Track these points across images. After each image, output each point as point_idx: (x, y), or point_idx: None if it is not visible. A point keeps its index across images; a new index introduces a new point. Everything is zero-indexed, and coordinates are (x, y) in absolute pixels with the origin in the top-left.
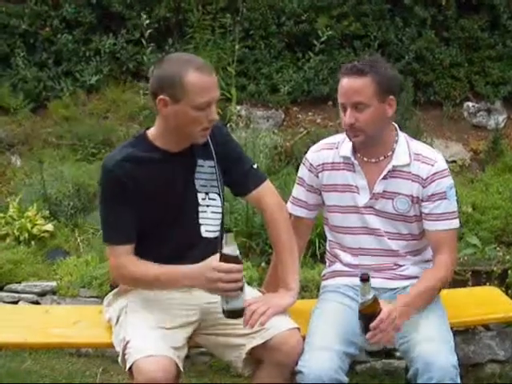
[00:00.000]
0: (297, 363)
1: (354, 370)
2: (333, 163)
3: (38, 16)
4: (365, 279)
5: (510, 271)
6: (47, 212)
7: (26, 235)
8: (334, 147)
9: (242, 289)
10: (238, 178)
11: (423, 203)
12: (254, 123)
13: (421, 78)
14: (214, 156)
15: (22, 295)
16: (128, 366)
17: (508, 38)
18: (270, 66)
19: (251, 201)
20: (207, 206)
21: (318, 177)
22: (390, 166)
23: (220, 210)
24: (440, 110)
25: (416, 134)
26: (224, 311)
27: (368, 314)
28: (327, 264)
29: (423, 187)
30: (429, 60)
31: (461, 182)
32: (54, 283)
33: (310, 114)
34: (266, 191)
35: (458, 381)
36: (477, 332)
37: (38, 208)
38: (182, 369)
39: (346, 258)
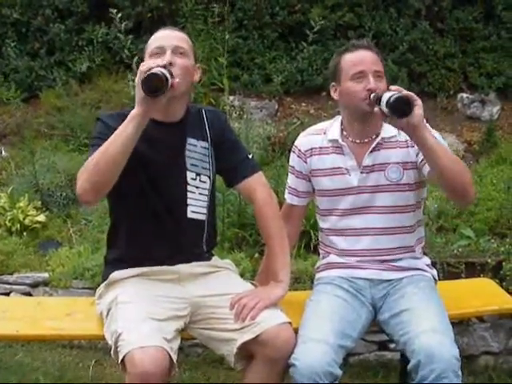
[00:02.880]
0: (289, 358)
1: (347, 361)
2: (321, 147)
3: (30, 5)
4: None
5: (504, 263)
6: (39, 203)
7: (18, 226)
8: (322, 132)
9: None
10: (231, 166)
11: (418, 157)
12: (247, 113)
13: (415, 68)
14: (209, 138)
15: (14, 286)
16: (120, 359)
17: (502, 29)
18: (264, 57)
19: (241, 191)
20: (196, 187)
21: (306, 162)
22: (378, 139)
23: (208, 192)
24: (434, 101)
25: None
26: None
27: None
28: (321, 256)
29: (412, 147)
30: (423, 51)
31: None
32: (46, 274)
33: (303, 104)
34: (257, 183)
35: (460, 373)
36: (471, 324)
37: (30, 199)
38: (175, 360)
39: (341, 243)
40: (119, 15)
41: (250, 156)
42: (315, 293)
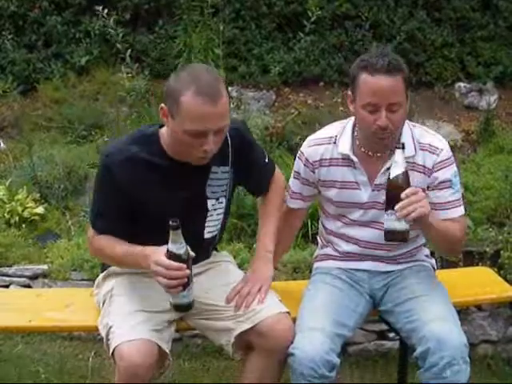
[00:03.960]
0: (288, 348)
1: (346, 351)
2: (331, 159)
3: None
4: (400, 147)
5: (502, 251)
6: (38, 195)
7: (17, 218)
8: (332, 142)
9: (185, 286)
10: (254, 181)
11: (428, 192)
12: (244, 104)
13: (412, 58)
14: (230, 161)
15: (13, 279)
16: (110, 352)
17: (500, 18)
18: (261, 47)
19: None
20: (214, 209)
21: (314, 172)
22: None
23: (223, 210)
24: (431, 91)
25: (407, 115)
26: (170, 303)
27: (399, 188)
28: (319, 245)
29: (428, 176)
30: (420, 40)
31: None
32: (45, 266)
33: (301, 94)
34: (274, 180)
35: (468, 359)
36: (469, 312)
37: (29, 191)
38: (167, 350)
39: (342, 245)
40: (105, 11)
41: (267, 160)
42: (312, 282)
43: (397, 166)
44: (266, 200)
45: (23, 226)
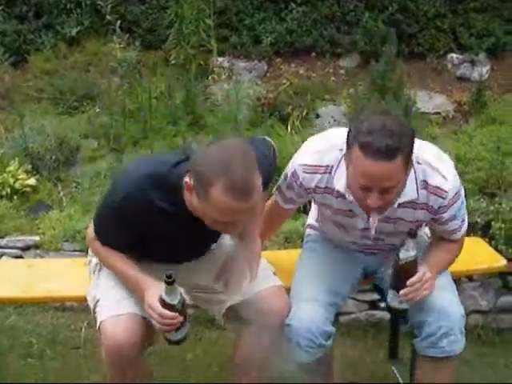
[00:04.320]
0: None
1: (338, 321)
2: (326, 187)
3: None
4: (412, 234)
5: (493, 222)
6: (29, 166)
7: (9, 190)
8: (328, 171)
9: (179, 327)
10: None
11: (431, 222)
12: (236, 75)
13: (404, 29)
14: None
15: (5, 250)
16: (97, 326)
17: None
18: (253, 18)
19: None
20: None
21: (308, 194)
22: (394, 205)
23: None
24: (424, 62)
25: (399, 86)
26: (164, 336)
27: (406, 272)
28: (312, 215)
29: (434, 215)
30: (413, 11)
31: (444, 133)
32: (37, 237)
33: (292, 65)
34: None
35: (464, 331)
36: (460, 283)
37: (20, 162)
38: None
39: (336, 240)
40: None
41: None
42: (305, 251)
43: (407, 250)
44: None
45: (15, 197)
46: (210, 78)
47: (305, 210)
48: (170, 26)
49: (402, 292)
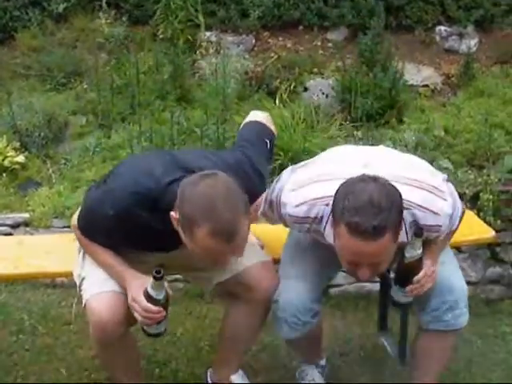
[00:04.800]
0: (272, 297)
1: (328, 293)
2: (316, 231)
3: None
4: (418, 234)
5: (481, 194)
6: (18, 144)
7: None
8: (317, 222)
9: (160, 321)
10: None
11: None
12: (224, 49)
13: (392, 1)
14: None
15: None
16: (83, 304)
17: None
18: None
19: None
20: None
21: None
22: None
23: None
24: (412, 34)
25: (387, 59)
26: (142, 328)
27: (411, 269)
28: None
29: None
30: None
31: (433, 106)
32: (26, 215)
33: (280, 38)
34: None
35: (467, 303)
36: None
37: (8, 140)
38: None
39: None
40: None
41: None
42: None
43: (413, 248)
44: None
45: (4, 175)
46: (197, 52)
47: None
48: (158, 1)
49: (408, 288)
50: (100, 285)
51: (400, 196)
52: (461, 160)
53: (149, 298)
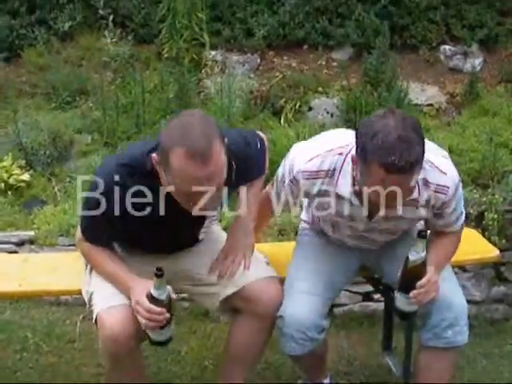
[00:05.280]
0: (277, 313)
1: (332, 312)
2: (327, 191)
3: None
4: (422, 236)
5: (486, 213)
6: (23, 162)
7: (3, 185)
8: (329, 176)
9: (163, 327)
10: (247, 180)
11: (431, 218)
12: (229, 68)
13: (397, 21)
14: (231, 184)
15: (0, 245)
16: (94, 319)
17: None
18: (245, 11)
19: None
20: (210, 221)
21: (307, 198)
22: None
23: (217, 214)
24: (416, 54)
25: (392, 78)
26: (148, 336)
27: (415, 273)
28: (306, 215)
29: (436, 211)
30: (405, 3)
31: (437, 125)
32: (31, 233)
33: (285, 58)
34: None
35: (467, 321)
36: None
37: (14, 158)
38: None
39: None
40: None
41: (258, 146)
42: (300, 243)
43: (417, 252)
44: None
45: (9, 192)
46: (202, 71)
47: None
48: (163, 20)
49: (412, 294)
50: (110, 298)
51: (420, 127)
52: (466, 179)
53: (152, 299)
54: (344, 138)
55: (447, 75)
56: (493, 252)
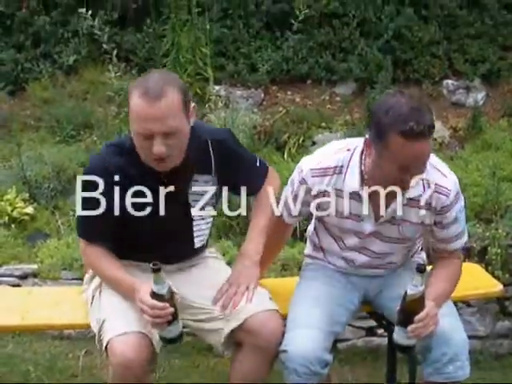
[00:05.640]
0: (278, 346)
1: (335, 347)
2: (335, 189)
3: None
4: (421, 270)
5: (489, 248)
6: (27, 195)
7: (6, 218)
8: (337, 172)
9: (170, 322)
10: (245, 182)
11: (433, 227)
12: (233, 103)
13: (400, 56)
14: (213, 170)
15: (3, 278)
16: (104, 346)
17: (487, 15)
18: (249, 46)
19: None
20: (202, 219)
21: (315, 199)
22: (399, 199)
23: (212, 219)
24: (419, 88)
25: None
26: (160, 337)
27: (414, 308)
28: (311, 246)
29: (435, 215)
30: (408, 38)
31: (440, 159)
32: (35, 266)
33: (289, 93)
34: (268, 181)
35: (468, 356)
36: (457, 308)
37: (18, 191)
38: (157, 349)
39: (335, 262)
40: (90, 13)
41: (258, 162)
42: (304, 277)
43: (415, 286)
44: (258, 200)
45: (12, 225)
46: (206, 106)
47: (302, 238)
48: (167, 55)
49: (410, 328)
50: (123, 325)
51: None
52: (469, 214)
53: (153, 295)
54: (352, 142)
55: (450, 109)
56: (496, 287)
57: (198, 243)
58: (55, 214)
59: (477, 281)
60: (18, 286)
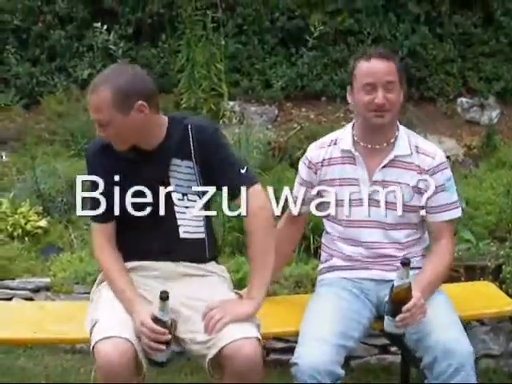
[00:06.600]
0: (258, 372)
1: (348, 365)
2: (331, 158)
3: (31, 11)
4: (405, 263)
5: (503, 266)
6: (40, 208)
7: (20, 231)
8: (333, 143)
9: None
10: (225, 182)
11: (424, 195)
12: (247, 119)
13: (414, 73)
14: (193, 156)
15: (16, 292)
16: (91, 348)
17: (501, 34)
18: (264, 62)
19: (239, 204)
20: (186, 207)
21: (316, 173)
22: (391, 156)
23: (205, 219)
24: (433, 106)
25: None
26: (148, 359)
27: (401, 298)
28: (323, 259)
29: (424, 175)
30: (422, 56)
31: (454, 177)
32: (47, 279)
33: (303, 109)
34: (251, 195)
35: (474, 367)
36: (471, 327)
37: (32, 204)
38: (142, 361)
39: (347, 249)
40: (105, 27)
41: (244, 170)
42: (317, 293)
43: (401, 279)
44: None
45: (26, 239)
46: (220, 121)
47: (316, 255)
48: (182, 70)
49: (398, 318)
50: (111, 329)
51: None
52: (483, 232)
53: (155, 320)
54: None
55: (464, 127)
56: (510, 305)
57: (182, 234)
58: (68, 228)
59: (491, 300)
60: (31, 299)
